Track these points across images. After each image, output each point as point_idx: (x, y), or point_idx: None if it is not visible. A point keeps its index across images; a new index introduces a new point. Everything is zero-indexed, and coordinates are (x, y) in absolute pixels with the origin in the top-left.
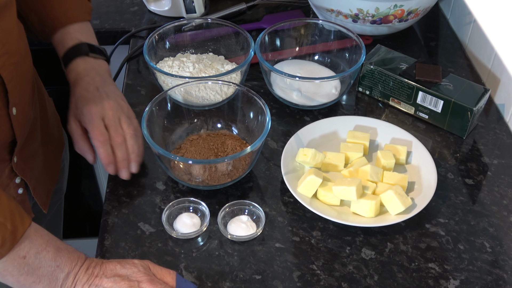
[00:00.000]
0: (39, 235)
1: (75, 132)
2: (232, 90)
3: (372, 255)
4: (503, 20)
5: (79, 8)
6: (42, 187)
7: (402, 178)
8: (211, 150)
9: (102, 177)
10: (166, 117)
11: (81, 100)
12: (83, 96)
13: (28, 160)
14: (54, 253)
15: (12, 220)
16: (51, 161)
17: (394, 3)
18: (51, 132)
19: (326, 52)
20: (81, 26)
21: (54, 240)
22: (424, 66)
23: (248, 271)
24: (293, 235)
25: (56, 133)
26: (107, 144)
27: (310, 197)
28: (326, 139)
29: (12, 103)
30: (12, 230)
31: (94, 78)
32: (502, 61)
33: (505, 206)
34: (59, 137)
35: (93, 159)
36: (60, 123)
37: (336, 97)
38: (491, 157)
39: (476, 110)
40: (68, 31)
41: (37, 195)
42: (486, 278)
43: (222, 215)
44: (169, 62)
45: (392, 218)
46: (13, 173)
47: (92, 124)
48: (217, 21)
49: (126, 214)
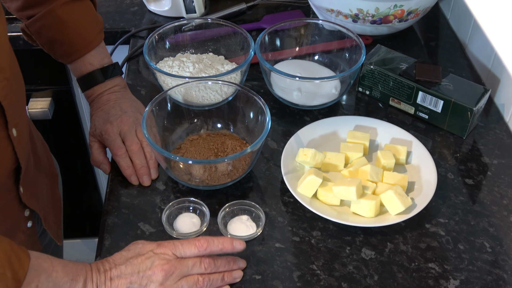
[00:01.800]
0: (42, 261)
1: (93, 146)
2: (232, 90)
3: (372, 255)
4: (503, 20)
5: (93, 31)
6: (51, 218)
7: (402, 178)
8: (211, 150)
9: (102, 177)
10: (166, 117)
11: (98, 120)
12: (100, 117)
13: (32, 189)
14: (62, 270)
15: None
16: (51, 191)
17: (394, 3)
18: (42, 162)
19: (326, 52)
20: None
21: (57, 260)
22: (424, 66)
23: (248, 271)
24: (293, 235)
25: (47, 163)
26: (126, 156)
27: (310, 197)
28: (326, 139)
29: (12, 123)
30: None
31: (110, 97)
32: (502, 61)
33: (505, 206)
34: (50, 167)
35: (108, 170)
36: (50, 153)
37: (336, 97)
38: (491, 157)
39: (476, 110)
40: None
41: (48, 227)
42: (486, 278)
43: (222, 215)
44: (169, 62)
45: (392, 218)
46: (21, 205)
47: (110, 141)
48: (217, 21)
49: (126, 214)
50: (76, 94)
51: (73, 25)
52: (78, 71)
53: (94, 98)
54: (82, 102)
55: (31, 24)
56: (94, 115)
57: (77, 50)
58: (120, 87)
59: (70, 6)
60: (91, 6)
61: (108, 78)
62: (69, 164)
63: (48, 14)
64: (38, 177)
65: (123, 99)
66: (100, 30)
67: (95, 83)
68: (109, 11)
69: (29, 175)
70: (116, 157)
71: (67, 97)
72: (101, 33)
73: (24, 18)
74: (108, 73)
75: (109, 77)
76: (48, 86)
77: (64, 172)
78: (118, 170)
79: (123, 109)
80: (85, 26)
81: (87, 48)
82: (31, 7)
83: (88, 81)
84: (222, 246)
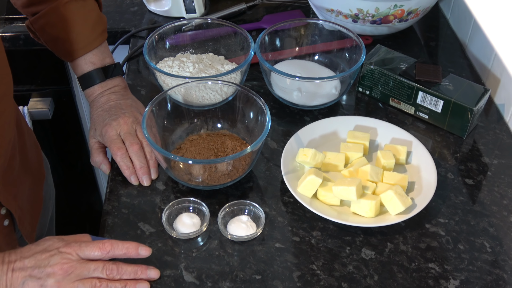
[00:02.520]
0: None
1: (93, 146)
2: (232, 90)
3: (372, 255)
4: (503, 20)
5: (96, 30)
6: (27, 219)
7: (402, 178)
8: (211, 150)
9: (102, 177)
10: (166, 117)
11: (98, 121)
12: (100, 117)
13: (11, 189)
14: None
15: None
16: (33, 192)
17: (394, 3)
18: (30, 162)
19: (326, 52)
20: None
21: None
22: (424, 66)
23: (248, 271)
24: (293, 235)
25: (36, 164)
26: (126, 157)
27: (310, 197)
28: (326, 139)
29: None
30: None
31: (110, 97)
32: (502, 61)
33: (505, 206)
34: (39, 168)
35: (108, 170)
36: (41, 153)
37: (336, 97)
38: (491, 157)
39: (476, 110)
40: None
41: (23, 227)
42: (486, 278)
43: (222, 215)
44: (169, 62)
45: (392, 218)
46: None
47: (110, 142)
48: (217, 21)
49: (126, 214)
50: (76, 94)
51: (76, 23)
52: (79, 69)
53: (95, 97)
54: (82, 102)
55: (35, 20)
56: (94, 114)
57: (79, 48)
58: (121, 87)
59: (74, 5)
60: (95, 6)
61: (109, 77)
62: (69, 164)
63: (51, 11)
64: (23, 177)
65: (123, 99)
66: (103, 29)
67: (96, 82)
68: (109, 11)
69: (12, 174)
70: (116, 157)
71: (67, 97)
72: (105, 32)
73: (29, 15)
74: (109, 73)
75: (110, 77)
76: (48, 86)
77: (64, 172)
78: (118, 170)
79: (123, 109)
80: (88, 24)
81: (89, 46)
82: (35, 4)
83: (89, 79)
84: (126, 251)
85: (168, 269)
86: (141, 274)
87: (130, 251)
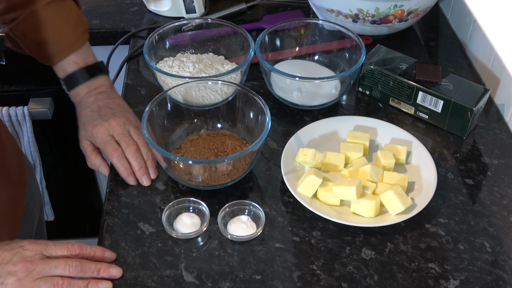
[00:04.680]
0: None
1: (87, 149)
2: (232, 90)
3: (372, 255)
4: (503, 20)
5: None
6: (6, 228)
7: (402, 178)
8: (211, 150)
9: (102, 177)
10: (166, 117)
11: (88, 121)
12: (89, 117)
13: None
14: None
15: None
16: (13, 201)
17: (394, 3)
18: (9, 171)
19: (326, 52)
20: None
21: None
22: (424, 66)
23: (248, 271)
24: (293, 235)
25: (16, 171)
26: (123, 158)
27: (310, 197)
28: (326, 139)
29: None
30: None
31: (97, 97)
32: (502, 61)
33: (505, 206)
34: (20, 176)
35: (107, 172)
36: (23, 160)
37: (336, 97)
38: (491, 157)
39: (476, 110)
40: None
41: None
42: (486, 278)
43: (222, 215)
44: (169, 62)
45: (392, 218)
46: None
47: (104, 143)
48: (217, 21)
49: (126, 214)
50: None
51: (57, 25)
52: (63, 71)
53: (81, 98)
54: None
55: (15, 27)
56: (83, 115)
57: (63, 50)
58: (107, 86)
59: (53, 7)
60: (75, 6)
61: (93, 76)
62: (69, 164)
63: (31, 15)
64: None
65: (111, 99)
66: (84, 29)
67: (80, 82)
68: (109, 11)
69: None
70: (112, 159)
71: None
72: (86, 33)
73: (8, 21)
74: (93, 72)
75: (94, 76)
76: (48, 86)
77: (64, 172)
78: None
79: (112, 109)
80: (69, 25)
81: (72, 48)
82: (13, 10)
83: (73, 80)
84: (94, 254)
85: (168, 269)
86: (103, 272)
87: (98, 254)
